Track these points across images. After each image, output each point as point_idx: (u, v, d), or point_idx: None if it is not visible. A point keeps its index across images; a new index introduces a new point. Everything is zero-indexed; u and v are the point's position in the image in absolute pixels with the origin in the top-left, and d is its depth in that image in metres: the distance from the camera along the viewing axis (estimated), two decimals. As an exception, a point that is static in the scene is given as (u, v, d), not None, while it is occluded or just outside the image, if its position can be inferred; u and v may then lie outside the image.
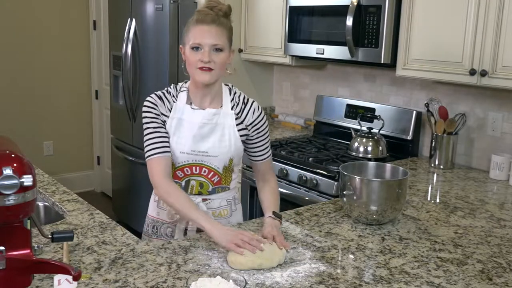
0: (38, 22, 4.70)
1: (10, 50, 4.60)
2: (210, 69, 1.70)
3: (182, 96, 1.79)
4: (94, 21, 4.97)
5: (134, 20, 3.82)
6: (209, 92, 1.78)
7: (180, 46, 1.82)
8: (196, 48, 1.71)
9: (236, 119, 1.81)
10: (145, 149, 1.76)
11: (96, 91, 5.11)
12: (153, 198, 1.92)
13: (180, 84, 1.84)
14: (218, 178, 1.82)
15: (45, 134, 4.93)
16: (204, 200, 1.82)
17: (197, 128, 1.76)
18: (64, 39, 4.88)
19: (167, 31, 3.53)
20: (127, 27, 3.85)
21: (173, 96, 1.80)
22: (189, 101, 1.79)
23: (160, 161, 1.73)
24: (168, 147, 1.75)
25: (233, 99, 1.82)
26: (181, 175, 1.80)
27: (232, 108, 1.81)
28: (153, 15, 3.65)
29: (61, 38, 4.86)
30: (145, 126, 1.77)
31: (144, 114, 1.77)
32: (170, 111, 1.77)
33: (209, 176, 1.80)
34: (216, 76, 1.73)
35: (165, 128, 1.77)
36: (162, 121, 1.77)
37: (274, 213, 1.77)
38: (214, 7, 1.72)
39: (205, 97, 1.79)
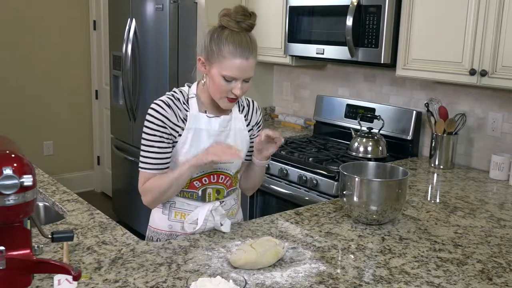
0: (38, 22, 4.70)
1: (10, 50, 4.60)
2: (236, 99, 1.69)
3: (193, 103, 1.73)
4: (94, 21, 4.97)
5: (134, 20, 3.82)
6: None
7: (199, 57, 1.70)
8: (229, 79, 1.64)
9: (244, 121, 1.82)
10: (140, 158, 1.72)
11: (96, 91, 5.11)
12: (159, 211, 1.84)
13: (185, 89, 1.77)
14: (231, 181, 1.82)
15: (45, 134, 4.93)
16: (221, 203, 1.81)
17: (214, 136, 1.73)
18: (64, 39, 4.88)
19: (167, 31, 3.53)
20: (127, 27, 3.86)
21: (183, 103, 1.72)
22: (202, 109, 1.74)
23: (151, 176, 1.72)
24: (163, 163, 1.71)
25: (237, 102, 1.82)
26: (198, 185, 1.76)
27: (241, 112, 1.81)
28: (153, 15, 3.65)
29: (61, 38, 4.86)
30: (144, 135, 1.71)
31: (146, 123, 1.70)
32: (184, 122, 1.71)
33: (225, 182, 1.80)
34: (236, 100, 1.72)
35: (165, 143, 1.70)
36: (167, 133, 1.69)
37: None
38: (242, 22, 1.62)
39: (218, 105, 1.75)
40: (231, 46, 1.61)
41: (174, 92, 1.75)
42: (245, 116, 1.82)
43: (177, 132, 1.71)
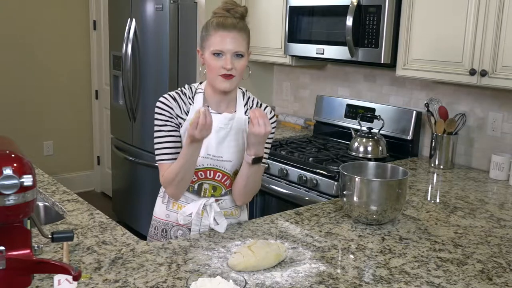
0: (38, 22, 4.70)
1: (10, 50, 4.60)
2: (231, 76, 1.69)
3: (199, 98, 1.78)
4: (94, 21, 4.97)
5: (134, 20, 3.82)
6: (226, 97, 1.78)
7: (198, 49, 1.79)
8: (217, 54, 1.69)
9: (249, 123, 1.80)
10: (157, 151, 1.77)
11: (96, 91, 5.11)
12: (160, 200, 1.89)
13: (195, 85, 1.83)
14: (230, 181, 1.83)
15: (45, 134, 4.92)
16: (217, 200, 1.82)
17: (213, 132, 1.73)
18: (64, 39, 4.88)
19: (167, 31, 3.53)
20: (127, 27, 3.85)
21: (189, 98, 1.78)
22: (205, 104, 1.77)
23: (169, 167, 1.75)
24: (178, 152, 1.76)
25: (246, 103, 1.83)
26: (194, 178, 1.79)
27: (245, 113, 1.81)
28: (153, 15, 3.65)
29: (61, 38, 4.86)
30: (157, 128, 1.76)
31: (156, 116, 1.76)
32: (187, 114, 1.76)
33: (222, 181, 1.81)
34: (236, 82, 1.73)
35: (178, 131, 1.76)
36: (176, 123, 1.75)
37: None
38: (231, 9, 1.71)
39: (221, 101, 1.78)
40: (214, 23, 1.70)
41: (184, 87, 1.81)
42: (249, 118, 1.81)
43: (180, 124, 1.76)
